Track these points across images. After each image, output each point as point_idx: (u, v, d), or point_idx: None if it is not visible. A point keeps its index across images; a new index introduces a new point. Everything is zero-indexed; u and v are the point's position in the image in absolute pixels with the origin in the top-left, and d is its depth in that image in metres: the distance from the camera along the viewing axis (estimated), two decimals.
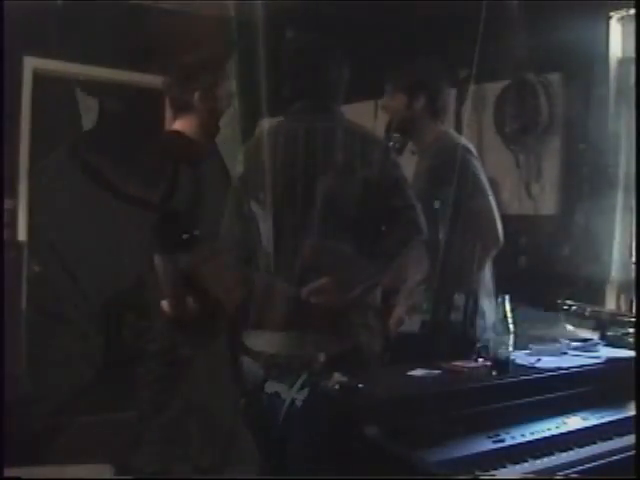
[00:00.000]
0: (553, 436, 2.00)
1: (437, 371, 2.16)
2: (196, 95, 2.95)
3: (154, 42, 4.98)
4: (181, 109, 3.00)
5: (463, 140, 3.01)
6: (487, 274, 2.95)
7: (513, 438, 1.94)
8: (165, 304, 2.87)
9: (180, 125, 3.00)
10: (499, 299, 2.19)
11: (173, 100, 3.03)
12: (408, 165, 2.87)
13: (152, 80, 4.94)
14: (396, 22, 4.36)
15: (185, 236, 2.79)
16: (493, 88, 3.81)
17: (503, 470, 1.82)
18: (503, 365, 2.14)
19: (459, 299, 2.84)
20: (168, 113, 3.97)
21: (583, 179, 3.39)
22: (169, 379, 2.90)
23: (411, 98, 2.93)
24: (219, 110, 3.02)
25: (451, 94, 3.48)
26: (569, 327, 2.76)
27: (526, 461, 1.87)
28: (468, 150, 2.92)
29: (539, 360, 2.30)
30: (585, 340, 2.61)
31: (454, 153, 2.88)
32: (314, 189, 2.50)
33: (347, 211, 2.53)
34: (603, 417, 2.15)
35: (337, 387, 1.92)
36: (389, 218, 2.56)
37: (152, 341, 2.90)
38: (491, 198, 2.85)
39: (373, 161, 2.55)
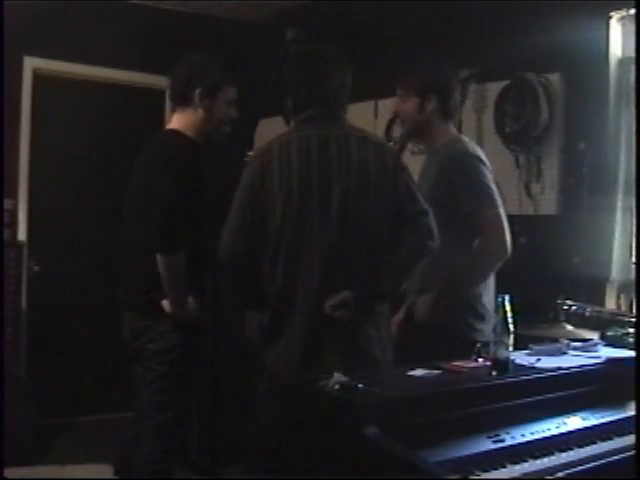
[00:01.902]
0: (553, 436, 2.01)
1: (437, 371, 2.16)
2: (197, 92, 2.96)
3: (155, 42, 4.99)
4: (181, 105, 3.01)
5: (475, 147, 2.96)
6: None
7: (513, 438, 1.94)
8: (166, 304, 2.87)
9: (177, 123, 3.00)
10: (499, 299, 2.19)
11: (174, 94, 3.04)
12: (408, 165, 2.86)
13: (152, 80, 4.96)
14: (396, 22, 4.37)
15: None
16: (493, 88, 3.81)
17: (503, 470, 1.83)
18: (503, 365, 2.13)
19: (461, 301, 2.82)
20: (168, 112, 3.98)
21: (583, 179, 3.38)
22: (169, 379, 2.89)
23: (423, 100, 2.89)
24: (218, 112, 3.01)
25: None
26: (569, 327, 2.76)
27: (526, 461, 1.87)
28: (479, 158, 2.86)
29: (539, 360, 2.30)
30: (585, 340, 2.60)
31: (464, 160, 2.84)
32: (329, 198, 2.48)
33: (362, 219, 2.51)
34: (603, 417, 2.14)
35: (337, 387, 1.92)
36: (403, 225, 2.54)
37: (152, 341, 2.89)
38: (501, 210, 2.80)
39: (386, 167, 2.54)
